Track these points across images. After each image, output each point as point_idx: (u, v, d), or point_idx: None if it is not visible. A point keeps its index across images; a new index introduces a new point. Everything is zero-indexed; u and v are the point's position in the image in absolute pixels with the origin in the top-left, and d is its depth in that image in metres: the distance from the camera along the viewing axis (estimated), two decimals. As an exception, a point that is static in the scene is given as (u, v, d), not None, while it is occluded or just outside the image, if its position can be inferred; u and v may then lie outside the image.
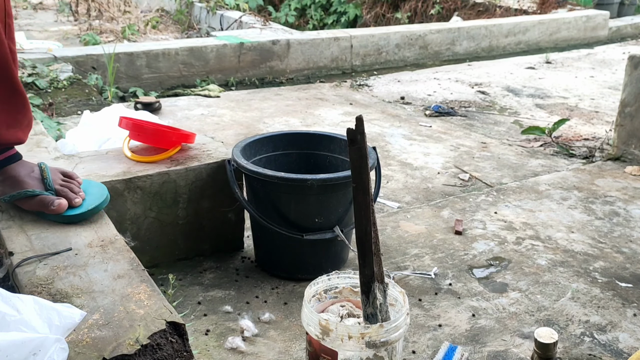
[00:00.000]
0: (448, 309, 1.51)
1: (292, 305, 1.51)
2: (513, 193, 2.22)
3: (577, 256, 1.78)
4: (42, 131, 1.81)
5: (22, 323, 0.88)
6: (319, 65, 4.33)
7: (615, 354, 1.36)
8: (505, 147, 2.78)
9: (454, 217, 2.01)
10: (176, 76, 3.84)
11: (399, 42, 4.64)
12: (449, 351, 1.33)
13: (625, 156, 2.51)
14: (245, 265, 1.71)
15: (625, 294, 1.59)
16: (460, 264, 1.73)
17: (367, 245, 1.05)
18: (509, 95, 3.73)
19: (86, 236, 1.25)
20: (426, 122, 3.12)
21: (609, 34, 5.80)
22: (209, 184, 1.67)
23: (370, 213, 1.04)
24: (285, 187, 1.53)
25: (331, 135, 1.81)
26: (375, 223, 1.07)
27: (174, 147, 1.70)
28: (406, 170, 2.46)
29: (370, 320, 1.08)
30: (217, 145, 1.79)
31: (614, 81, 4.06)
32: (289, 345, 1.36)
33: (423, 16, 6.29)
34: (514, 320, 1.48)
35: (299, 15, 6.86)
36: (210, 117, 3.10)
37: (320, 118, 3.13)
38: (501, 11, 6.01)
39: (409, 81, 4.03)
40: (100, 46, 3.72)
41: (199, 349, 1.33)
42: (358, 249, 1.07)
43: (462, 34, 4.93)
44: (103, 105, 2.77)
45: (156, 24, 5.78)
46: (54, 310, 0.92)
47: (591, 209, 2.10)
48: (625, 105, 2.45)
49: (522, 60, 4.71)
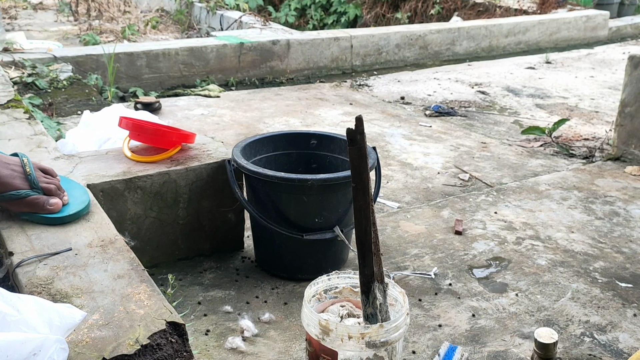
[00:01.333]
0: (448, 309, 1.51)
1: (292, 305, 1.52)
2: (513, 193, 2.22)
3: (577, 256, 1.78)
4: (42, 131, 1.81)
5: (22, 323, 0.88)
6: (319, 65, 4.33)
7: (615, 354, 1.36)
8: (505, 147, 2.78)
9: (454, 217, 2.01)
10: (176, 76, 3.84)
11: (399, 42, 4.64)
12: (449, 351, 1.34)
13: (625, 156, 2.51)
14: (245, 265, 1.71)
15: (625, 294, 1.59)
16: (460, 264, 1.73)
17: (367, 245, 1.05)
18: (509, 95, 3.73)
19: (86, 236, 1.25)
20: (426, 122, 3.13)
21: (609, 34, 5.80)
22: (209, 184, 1.67)
23: (370, 213, 1.04)
24: (285, 187, 1.54)
25: (331, 135, 1.81)
26: (375, 223, 1.07)
27: (174, 147, 1.70)
28: (406, 170, 2.47)
29: (370, 320, 1.08)
30: (217, 145, 1.79)
31: (614, 81, 4.06)
32: (289, 345, 1.36)
33: (423, 16, 6.29)
34: (514, 320, 1.48)
35: (299, 15, 6.86)
36: (211, 117, 3.10)
37: (320, 118, 3.13)
38: (501, 11, 6.01)
39: (409, 81, 4.03)
40: (100, 46, 3.72)
41: (199, 349, 1.33)
42: (358, 249, 1.07)
43: (462, 34, 4.93)
44: (103, 105, 2.77)
45: (156, 24, 5.78)
46: (54, 311, 0.91)
47: (591, 209, 2.10)
48: (625, 105, 2.45)
49: (522, 60, 4.71)
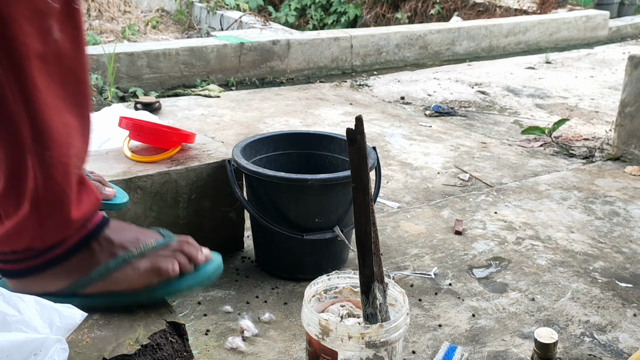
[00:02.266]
0: (448, 309, 1.51)
1: (292, 305, 1.52)
2: (513, 193, 2.22)
3: (577, 256, 1.79)
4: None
5: (23, 323, 0.88)
6: (319, 65, 4.33)
7: (615, 354, 1.36)
8: (505, 147, 2.78)
9: (454, 217, 2.01)
10: (177, 76, 3.84)
11: (399, 42, 4.64)
12: (449, 351, 1.34)
13: (625, 156, 2.51)
14: (245, 265, 1.71)
15: (625, 294, 1.59)
16: (460, 264, 1.73)
17: (366, 245, 1.05)
18: (509, 95, 3.73)
19: (86, 236, 1.25)
20: (426, 122, 3.13)
21: (609, 34, 5.80)
22: (209, 184, 1.67)
23: (370, 213, 1.04)
24: (285, 187, 1.54)
25: (331, 135, 1.81)
26: (375, 223, 1.07)
27: (174, 147, 1.70)
28: (406, 170, 2.47)
29: (370, 320, 1.08)
30: (218, 145, 1.79)
31: (614, 81, 4.06)
32: (289, 345, 1.36)
33: (423, 16, 6.30)
34: (514, 320, 1.48)
35: (299, 15, 6.86)
36: (211, 117, 3.10)
37: (320, 118, 3.13)
38: (501, 11, 6.01)
39: (409, 81, 4.03)
40: (101, 46, 3.72)
41: (199, 349, 1.33)
42: (358, 249, 1.07)
43: (462, 34, 4.93)
44: (103, 106, 2.77)
45: (156, 24, 5.78)
46: (55, 311, 0.92)
47: (591, 209, 2.10)
48: (625, 105, 2.45)
49: (522, 60, 4.71)
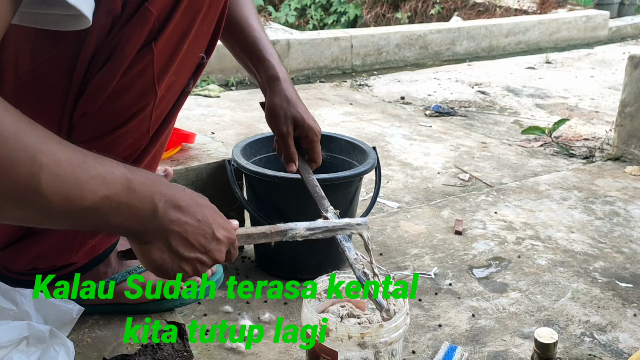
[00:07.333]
0: (448, 309, 1.51)
1: (292, 305, 1.51)
2: (513, 193, 2.22)
3: (577, 256, 1.78)
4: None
5: (19, 316, 0.89)
6: (319, 65, 4.33)
7: (615, 354, 1.36)
8: (505, 147, 2.78)
9: (454, 217, 2.01)
10: (176, 76, 3.83)
11: (399, 42, 4.64)
12: (449, 351, 1.33)
13: (625, 156, 2.51)
14: (245, 265, 1.71)
15: (625, 294, 1.59)
16: (460, 264, 1.73)
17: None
18: (509, 95, 3.73)
19: (86, 236, 1.25)
20: (426, 122, 3.13)
21: (609, 34, 5.81)
22: (209, 183, 1.67)
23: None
24: (285, 187, 1.53)
25: (331, 135, 1.81)
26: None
27: (174, 147, 1.70)
28: (406, 170, 2.47)
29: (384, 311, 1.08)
30: (217, 145, 1.79)
31: (614, 81, 4.06)
32: (289, 345, 1.36)
33: (423, 16, 6.30)
34: (514, 320, 1.48)
35: (299, 15, 6.86)
36: (211, 117, 3.10)
37: (320, 118, 3.13)
38: (501, 11, 6.01)
39: (409, 81, 4.03)
40: (101, 46, 3.71)
41: (199, 349, 1.33)
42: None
43: (462, 34, 4.93)
44: (103, 105, 2.77)
45: (156, 23, 5.77)
46: (52, 305, 0.92)
47: (591, 209, 2.10)
48: (625, 105, 2.45)
49: (522, 60, 4.71)
